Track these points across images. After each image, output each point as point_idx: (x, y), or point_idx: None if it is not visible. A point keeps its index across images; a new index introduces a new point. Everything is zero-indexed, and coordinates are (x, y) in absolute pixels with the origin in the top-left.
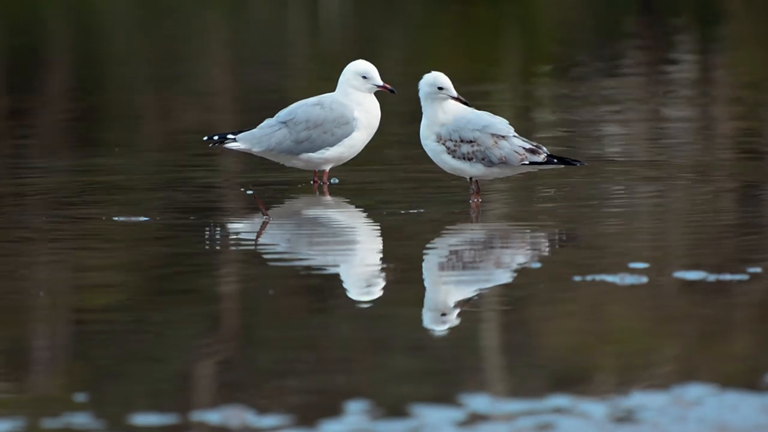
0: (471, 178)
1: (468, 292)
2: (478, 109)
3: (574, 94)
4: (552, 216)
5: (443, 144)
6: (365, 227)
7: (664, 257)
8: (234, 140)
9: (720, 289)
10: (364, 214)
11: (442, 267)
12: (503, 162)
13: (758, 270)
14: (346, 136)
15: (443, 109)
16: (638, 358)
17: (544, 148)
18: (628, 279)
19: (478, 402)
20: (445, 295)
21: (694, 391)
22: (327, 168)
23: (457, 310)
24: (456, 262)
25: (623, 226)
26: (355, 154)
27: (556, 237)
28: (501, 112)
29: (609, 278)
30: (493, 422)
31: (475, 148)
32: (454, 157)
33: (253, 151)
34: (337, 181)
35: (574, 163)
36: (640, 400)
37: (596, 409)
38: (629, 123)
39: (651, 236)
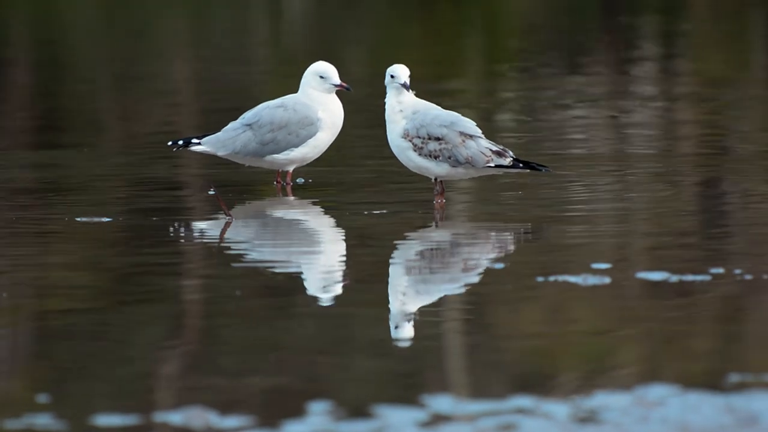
0: (435, 179)
1: (431, 293)
2: (445, 107)
3: (536, 95)
4: (515, 217)
5: (410, 141)
6: (328, 228)
7: (627, 258)
8: (198, 144)
9: (683, 290)
10: (328, 215)
11: (405, 267)
12: (469, 162)
13: (721, 271)
14: (311, 137)
15: (398, 99)
16: (601, 358)
17: (510, 152)
18: (591, 279)
19: (441, 403)
20: (409, 296)
21: (657, 391)
22: (291, 168)
23: (419, 312)
24: (419, 263)
25: (586, 227)
26: (320, 154)
27: (520, 237)
28: (464, 112)
29: (572, 279)
30: (455, 423)
31: (443, 146)
32: (420, 154)
33: (219, 155)
34: (302, 181)
35: (540, 168)
36: (602, 400)
37: (559, 409)
38: (592, 123)
39: (614, 237)
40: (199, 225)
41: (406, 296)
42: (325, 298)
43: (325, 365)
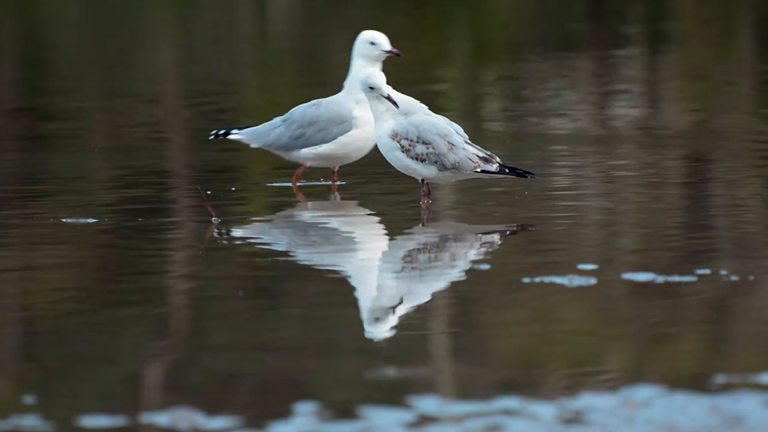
0: (422, 180)
1: (417, 293)
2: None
3: (522, 95)
4: (502, 217)
5: (398, 141)
6: (316, 227)
7: (613, 258)
8: (237, 134)
9: (668, 291)
10: (317, 213)
11: (392, 268)
12: (456, 168)
13: (707, 272)
14: (343, 134)
15: (381, 100)
16: (587, 359)
17: (497, 158)
18: (577, 280)
19: (427, 404)
20: (396, 296)
21: (643, 392)
22: (312, 164)
23: (409, 311)
24: (406, 263)
25: (572, 228)
26: (359, 153)
27: (506, 238)
28: (450, 114)
29: (558, 280)
30: (442, 424)
31: (430, 150)
32: (407, 156)
33: (252, 146)
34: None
35: (526, 174)
36: (588, 401)
37: (545, 410)
38: (578, 124)
39: (600, 238)
40: (186, 225)
41: (393, 297)
42: (313, 299)
43: (311, 366)
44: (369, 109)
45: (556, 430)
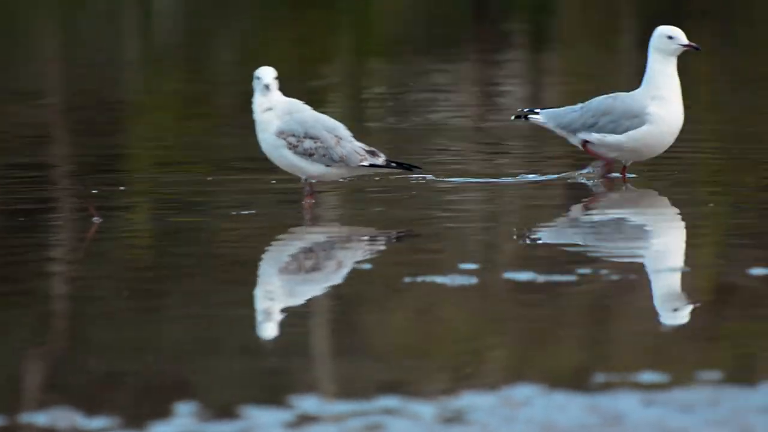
0: (306, 179)
1: (299, 293)
2: (315, 109)
3: (405, 96)
4: (384, 217)
5: (284, 139)
6: (196, 229)
7: (495, 258)
8: (537, 115)
9: (549, 290)
10: (191, 216)
11: (274, 268)
12: (343, 161)
13: (588, 271)
14: (633, 129)
15: (267, 98)
16: (468, 358)
17: (382, 153)
18: (459, 280)
19: (308, 403)
20: (277, 297)
21: (523, 391)
22: (605, 155)
23: (287, 313)
24: (288, 264)
25: (455, 227)
26: (651, 151)
27: (389, 238)
28: (333, 112)
29: (439, 279)
30: (322, 423)
31: (318, 144)
32: (294, 152)
33: (548, 126)
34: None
35: (412, 168)
36: (469, 400)
37: (425, 409)
38: (461, 125)
39: (483, 237)
40: (67, 226)
41: (274, 297)
42: (194, 300)
43: (192, 366)
44: (664, 106)
45: (436, 430)
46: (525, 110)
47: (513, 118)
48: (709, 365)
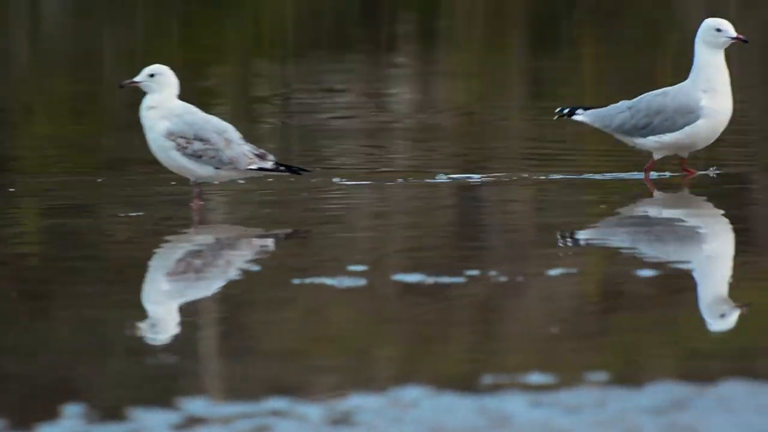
0: (195, 181)
1: (186, 295)
2: (204, 110)
3: (295, 97)
4: (274, 219)
5: (174, 140)
6: (85, 230)
7: (384, 259)
8: (581, 115)
9: (438, 292)
10: (79, 218)
11: (162, 269)
12: (232, 164)
13: (476, 273)
14: (689, 125)
15: (154, 98)
16: (356, 360)
17: (272, 156)
18: (347, 281)
19: (196, 405)
20: (166, 297)
21: (411, 393)
22: (656, 156)
23: (175, 314)
24: (177, 265)
25: (344, 229)
26: (703, 143)
27: (278, 240)
28: (223, 113)
29: (328, 281)
30: (210, 425)
31: (207, 146)
32: (183, 154)
33: (594, 126)
34: (714, 170)
35: (300, 171)
36: (357, 402)
37: (313, 411)
38: (351, 123)
39: (372, 238)
40: None
41: (163, 299)
42: (82, 301)
43: (80, 368)
44: (716, 98)
45: (323, 431)
46: (566, 109)
47: (556, 118)
48: (595, 366)
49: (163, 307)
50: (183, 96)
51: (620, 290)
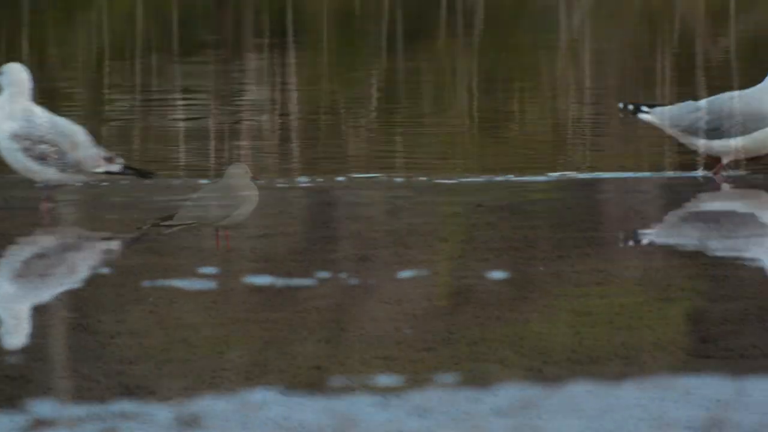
0: (42, 183)
1: (34, 297)
2: (53, 112)
3: (147, 98)
4: (124, 221)
5: (19, 142)
6: None
7: (234, 262)
8: (647, 113)
9: (288, 294)
10: None
11: (7, 273)
12: (78, 167)
13: (327, 275)
14: (757, 131)
15: (11, 102)
16: (206, 363)
17: (120, 159)
18: (197, 284)
19: (43, 407)
20: (12, 300)
21: (261, 395)
22: (726, 160)
23: (23, 316)
24: (23, 268)
25: (195, 231)
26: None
27: (128, 243)
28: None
29: (178, 283)
30: (57, 428)
31: (52, 149)
32: (28, 156)
33: (662, 125)
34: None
35: (149, 175)
36: (206, 404)
37: (162, 413)
38: (200, 123)
39: (222, 240)
40: None
41: (8, 302)
42: None
43: None
44: None
45: None
46: (630, 106)
47: (621, 116)
48: (445, 368)
49: (8, 310)
50: (32, 97)
51: (469, 290)
